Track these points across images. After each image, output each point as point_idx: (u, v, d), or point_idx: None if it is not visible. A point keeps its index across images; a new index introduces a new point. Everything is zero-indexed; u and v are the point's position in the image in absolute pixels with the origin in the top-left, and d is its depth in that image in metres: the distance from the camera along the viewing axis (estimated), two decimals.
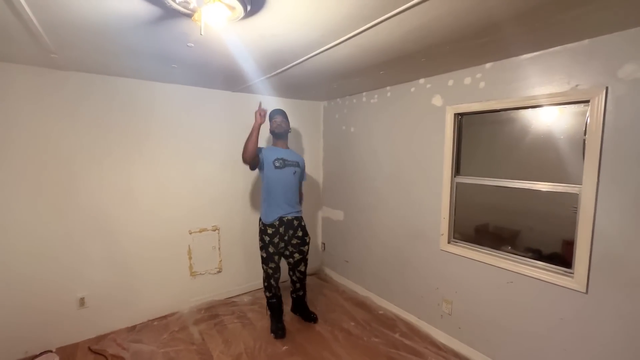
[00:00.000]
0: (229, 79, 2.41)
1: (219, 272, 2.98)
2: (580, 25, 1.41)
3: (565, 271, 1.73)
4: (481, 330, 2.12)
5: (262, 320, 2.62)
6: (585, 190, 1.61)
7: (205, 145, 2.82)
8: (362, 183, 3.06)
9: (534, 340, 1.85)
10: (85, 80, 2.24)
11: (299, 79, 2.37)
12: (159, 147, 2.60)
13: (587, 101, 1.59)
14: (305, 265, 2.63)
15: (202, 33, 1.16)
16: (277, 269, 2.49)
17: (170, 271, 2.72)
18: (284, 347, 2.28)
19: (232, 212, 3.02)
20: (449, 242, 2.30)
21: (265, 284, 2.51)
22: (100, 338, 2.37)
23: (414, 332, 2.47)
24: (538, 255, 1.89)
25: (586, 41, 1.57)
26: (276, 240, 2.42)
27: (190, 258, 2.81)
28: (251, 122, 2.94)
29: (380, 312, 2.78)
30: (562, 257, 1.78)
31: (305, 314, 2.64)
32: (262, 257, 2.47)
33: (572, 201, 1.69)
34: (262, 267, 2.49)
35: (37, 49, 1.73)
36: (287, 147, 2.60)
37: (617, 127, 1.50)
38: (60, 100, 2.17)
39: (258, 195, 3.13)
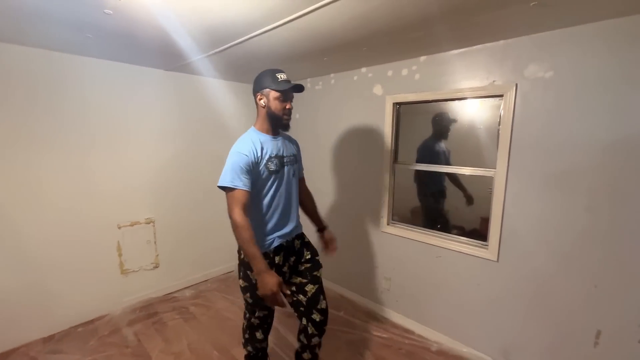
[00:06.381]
0: (161, 55, 2.17)
1: (156, 267, 2.77)
2: (495, 27, 1.58)
3: (482, 244, 2.00)
4: (414, 301, 2.35)
5: (208, 313, 2.52)
6: (498, 174, 1.86)
7: (135, 130, 2.53)
8: (304, 169, 3.06)
9: (455, 305, 2.12)
10: None
11: (240, 60, 2.24)
12: (77, 132, 2.25)
13: (502, 95, 1.81)
14: (326, 301, 1.63)
15: None
16: (267, 317, 1.66)
17: (95, 271, 2.42)
18: None
19: (169, 203, 2.80)
20: (388, 224, 2.47)
21: (246, 336, 1.70)
22: (8, 353, 2.04)
23: (357, 309, 2.63)
24: (462, 231, 2.15)
25: (501, 42, 1.77)
26: None
27: (120, 255, 2.54)
28: (188, 106, 2.76)
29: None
30: (480, 233, 2.05)
31: None
32: (245, 301, 1.61)
33: (488, 184, 1.94)
34: (244, 315, 1.70)
35: None
36: (279, 133, 1.60)
37: (523, 120, 1.75)
38: None
39: (198, 183, 2.95)
